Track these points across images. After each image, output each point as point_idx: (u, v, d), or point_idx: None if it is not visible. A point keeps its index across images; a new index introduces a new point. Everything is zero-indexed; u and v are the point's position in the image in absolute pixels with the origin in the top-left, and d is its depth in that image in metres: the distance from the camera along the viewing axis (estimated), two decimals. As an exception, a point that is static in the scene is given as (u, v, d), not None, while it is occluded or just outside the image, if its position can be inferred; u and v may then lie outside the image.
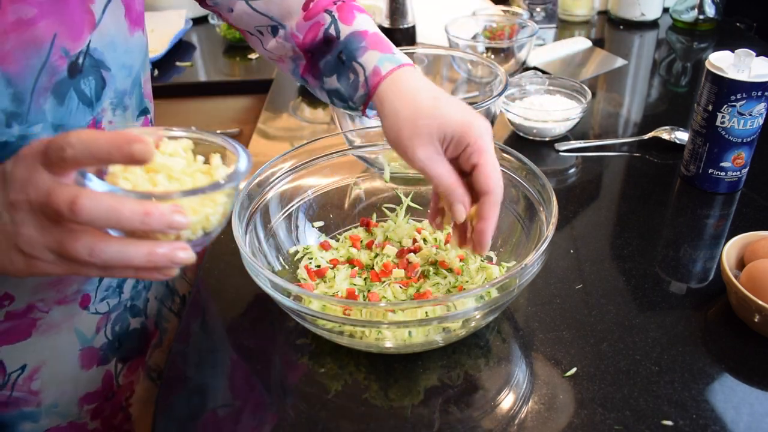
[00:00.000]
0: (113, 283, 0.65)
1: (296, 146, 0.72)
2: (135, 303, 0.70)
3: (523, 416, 0.54)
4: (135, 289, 0.70)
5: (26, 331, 0.59)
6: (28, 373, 0.61)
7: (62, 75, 0.51)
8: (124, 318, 0.69)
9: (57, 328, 0.61)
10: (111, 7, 0.55)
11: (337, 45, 0.60)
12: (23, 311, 0.58)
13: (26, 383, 0.61)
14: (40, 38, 0.49)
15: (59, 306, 0.60)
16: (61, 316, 0.61)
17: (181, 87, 1.40)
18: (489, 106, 0.80)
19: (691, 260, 0.72)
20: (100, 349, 0.66)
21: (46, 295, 0.59)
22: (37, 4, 0.47)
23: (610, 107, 1.12)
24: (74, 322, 0.63)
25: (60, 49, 0.50)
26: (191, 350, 0.63)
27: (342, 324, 0.55)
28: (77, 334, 0.63)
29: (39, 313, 0.59)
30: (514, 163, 0.68)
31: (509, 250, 0.69)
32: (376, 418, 0.55)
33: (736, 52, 0.76)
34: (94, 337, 0.65)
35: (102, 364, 0.67)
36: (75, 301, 0.62)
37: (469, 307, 0.53)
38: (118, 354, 0.68)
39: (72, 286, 0.61)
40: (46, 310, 0.60)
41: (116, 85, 0.58)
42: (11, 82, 0.48)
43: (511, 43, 1.20)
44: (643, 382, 0.57)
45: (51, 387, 0.63)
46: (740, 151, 0.79)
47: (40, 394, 0.62)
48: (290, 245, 0.71)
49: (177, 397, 0.58)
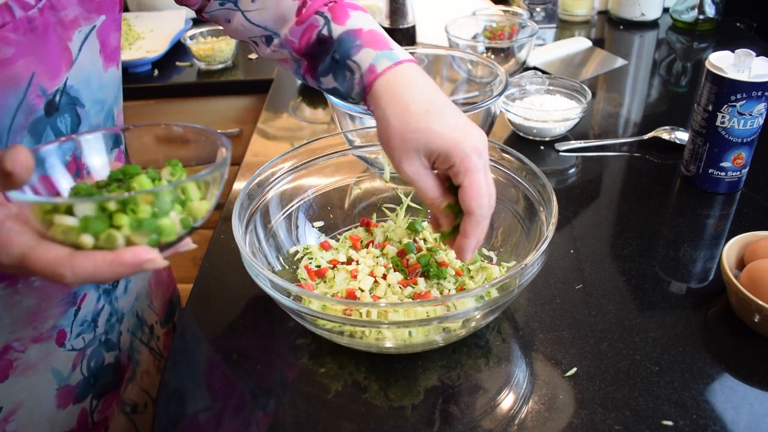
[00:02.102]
0: (88, 318, 0.64)
1: (296, 146, 0.72)
2: (109, 337, 0.68)
3: (523, 416, 0.54)
4: (109, 323, 0.68)
5: (3, 373, 0.57)
6: (3, 415, 0.58)
7: (39, 113, 0.51)
8: (99, 353, 0.67)
9: (34, 369, 0.60)
10: (87, 44, 0.54)
11: (332, 45, 0.59)
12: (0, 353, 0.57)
13: (1, 425, 0.59)
14: (18, 77, 0.48)
15: (35, 344, 0.59)
16: (38, 355, 0.59)
17: (181, 87, 1.40)
18: (489, 106, 0.80)
19: (691, 260, 0.72)
20: (76, 387, 0.64)
21: (22, 333, 0.57)
22: (15, 44, 0.47)
23: (610, 107, 1.12)
24: (51, 361, 0.61)
25: (38, 87, 0.50)
26: (190, 350, 0.63)
27: (342, 324, 0.55)
28: (54, 373, 0.62)
29: (15, 354, 0.57)
30: (514, 163, 0.68)
31: (509, 250, 0.69)
32: (376, 418, 0.55)
33: (736, 52, 0.76)
34: (70, 375, 0.63)
35: (77, 402, 0.65)
36: (51, 338, 0.60)
37: (469, 307, 0.53)
38: (93, 390, 0.67)
39: (48, 321, 0.59)
40: (22, 350, 0.58)
41: (90, 120, 0.57)
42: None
43: (511, 43, 1.20)
44: (643, 382, 0.57)
45: (27, 428, 0.61)
46: (740, 151, 0.79)
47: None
48: (290, 245, 0.71)
49: (176, 396, 0.58)
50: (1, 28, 0.45)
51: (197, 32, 1.44)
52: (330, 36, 0.59)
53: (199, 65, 1.43)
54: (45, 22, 0.49)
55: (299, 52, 0.61)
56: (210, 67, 1.43)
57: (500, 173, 0.70)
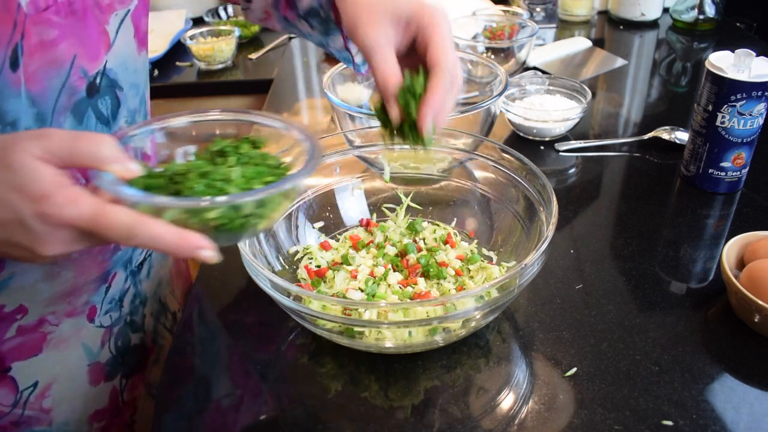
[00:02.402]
0: (116, 296, 0.66)
1: (296, 146, 0.71)
2: (134, 318, 0.71)
3: (523, 416, 0.54)
4: (133, 304, 0.70)
5: (37, 346, 0.60)
6: (39, 390, 0.61)
7: (81, 95, 0.53)
8: (125, 333, 0.70)
9: (66, 343, 0.62)
10: (123, 27, 0.56)
11: None
12: (34, 325, 0.58)
13: (38, 401, 0.61)
14: (61, 59, 0.50)
15: (68, 319, 0.61)
16: (70, 329, 0.62)
17: (181, 87, 1.40)
18: (489, 106, 0.80)
19: (691, 260, 0.72)
20: (106, 365, 0.67)
21: (57, 307, 0.59)
22: (58, 26, 0.49)
23: (610, 107, 1.12)
24: (81, 336, 0.63)
25: (79, 69, 0.52)
26: (190, 350, 0.63)
27: (342, 324, 0.55)
28: (84, 348, 0.64)
29: (49, 327, 0.60)
30: (514, 163, 0.68)
31: (509, 250, 0.69)
32: (376, 418, 0.55)
33: (736, 52, 0.76)
34: (99, 352, 0.66)
35: (108, 379, 0.67)
36: (83, 313, 0.62)
37: (469, 307, 0.53)
38: (121, 370, 0.69)
39: (82, 296, 0.61)
40: (56, 323, 0.60)
41: (128, 103, 0.59)
42: (35, 102, 0.49)
43: (511, 43, 1.20)
44: (643, 382, 0.57)
45: (62, 404, 0.63)
46: (740, 151, 0.79)
47: (52, 412, 0.62)
48: (290, 245, 0.71)
49: (176, 396, 0.58)
50: (44, 11, 0.48)
51: (197, 32, 1.44)
52: None
53: (199, 65, 1.43)
54: (84, 6, 0.51)
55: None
56: (210, 67, 1.43)
57: (500, 173, 0.70)
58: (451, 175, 0.77)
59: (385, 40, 0.52)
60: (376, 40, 0.52)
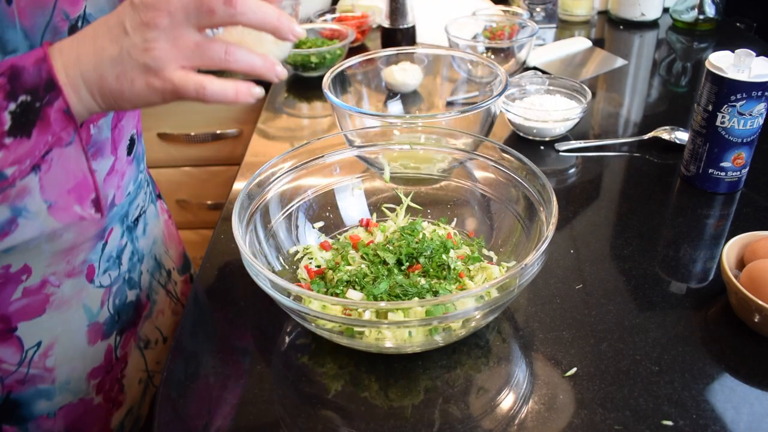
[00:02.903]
0: (113, 253, 0.69)
1: (296, 146, 0.72)
2: (132, 275, 0.74)
3: (523, 416, 0.54)
4: (131, 261, 0.73)
5: (41, 307, 0.62)
6: (42, 349, 0.64)
7: (64, 35, 0.55)
8: (123, 291, 0.72)
9: (68, 305, 0.65)
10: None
11: None
12: (38, 286, 0.61)
13: (41, 360, 0.64)
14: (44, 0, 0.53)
15: (69, 279, 0.64)
16: (71, 290, 0.64)
17: (181, 87, 1.40)
18: (489, 106, 0.80)
19: (691, 260, 0.72)
20: (104, 324, 0.69)
21: (57, 266, 0.62)
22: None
23: (610, 107, 1.12)
24: (82, 297, 0.66)
25: (61, 11, 0.54)
26: (190, 350, 0.63)
27: (342, 324, 0.55)
28: (85, 310, 0.67)
29: (51, 288, 0.62)
30: (514, 163, 0.68)
31: (509, 250, 0.69)
32: (376, 418, 0.55)
33: (736, 52, 0.76)
34: (99, 312, 0.69)
35: (104, 338, 0.70)
36: (82, 273, 0.65)
37: (469, 307, 0.53)
38: (117, 327, 0.72)
39: (79, 255, 0.64)
40: (58, 284, 0.63)
41: None
42: (27, 35, 0.52)
43: (511, 43, 1.20)
44: (643, 382, 0.57)
45: (63, 363, 0.66)
46: (740, 151, 0.79)
47: (55, 370, 0.65)
48: (290, 245, 0.71)
49: (176, 396, 0.58)
50: None
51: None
52: None
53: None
54: None
55: None
56: (210, 67, 1.42)
57: (500, 173, 0.70)
58: (451, 175, 0.77)
59: None
60: None
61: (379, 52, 0.99)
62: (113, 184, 0.66)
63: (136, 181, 0.72)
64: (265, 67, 0.50)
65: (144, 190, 0.77)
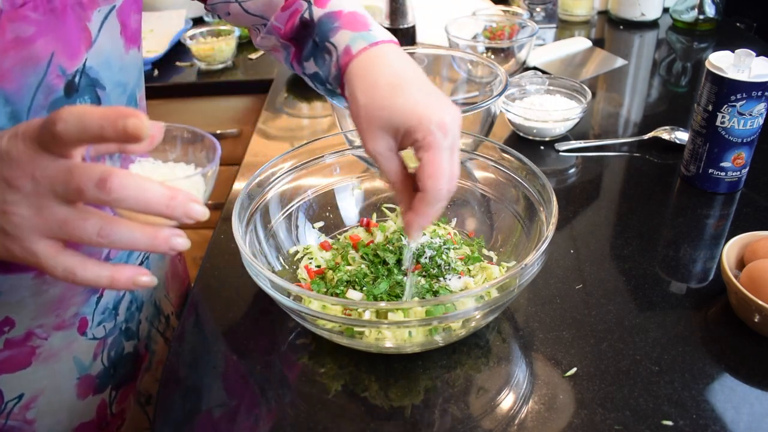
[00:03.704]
0: (109, 305, 0.65)
1: (296, 146, 0.72)
2: (129, 325, 0.69)
3: (523, 416, 0.54)
4: (129, 311, 0.69)
5: (26, 360, 0.58)
6: (24, 402, 0.60)
7: (58, 94, 0.51)
8: (119, 342, 0.68)
9: (56, 357, 0.61)
10: (107, 24, 0.54)
11: (314, 28, 0.58)
12: (22, 339, 0.57)
13: (22, 412, 0.60)
14: (38, 56, 0.48)
15: (58, 332, 0.60)
16: (60, 343, 0.60)
17: (181, 87, 1.40)
18: (489, 106, 0.80)
19: (691, 260, 0.72)
20: (96, 377, 0.65)
21: (45, 320, 0.58)
22: (35, 23, 0.47)
23: (610, 107, 1.12)
24: (73, 349, 0.62)
25: (57, 67, 0.50)
26: (190, 350, 0.63)
27: (342, 324, 0.55)
28: (75, 362, 0.63)
29: (38, 341, 0.58)
30: (514, 163, 0.68)
31: (509, 250, 0.69)
32: (376, 418, 0.55)
33: (736, 52, 0.76)
34: (91, 364, 0.64)
35: (97, 392, 0.66)
36: (73, 325, 0.61)
37: (469, 307, 0.53)
38: (112, 381, 0.68)
39: (71, 309, 0.60)
40: (45, 337, 0.59)
41: (111, 103, 0.57)
42: (9, 100, 0.48)
43: (511, 43, 1.20)
44: (643, 382, 0.57)
45: (46, 416, 0.62)
46: (740, 151, 0.79)
47: (35, 423, 0.61)
48: (290, 245, 0.71)
49: (175, 397, 0.58)
50: (21, 7, 0.46)
51: (197, 32, 1.44)
52: (311, 19, 0.58)
53: (199, 65, 1.43)
54: (63, 2, 0.49)
55: (285, 38, 0.61)
56: (210, 67, 1.43)
57: (500, 173, 0.70)
58: (451, 175, 0.77)
59: (387, 152, 0.52)
60: (376, 149, 0.52)
61: (379, 52, 0.99)
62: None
63: None
64: (153, 245, 0.40)
65: None
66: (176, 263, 0.84)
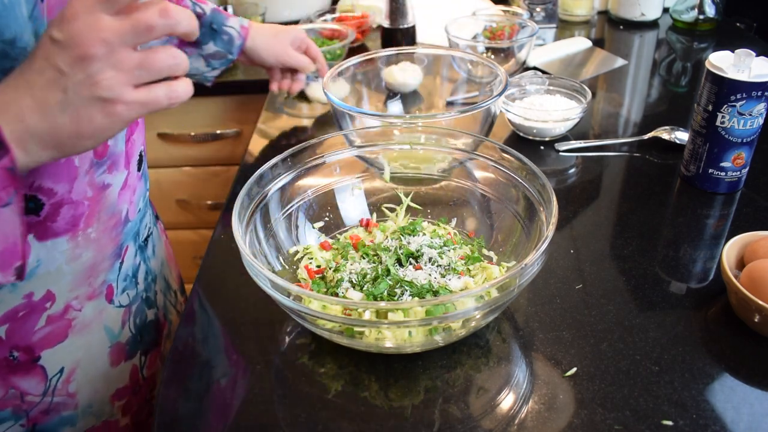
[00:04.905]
0: (129, 272, 0.69)
1: (296, 146, 0.72)
2: (148, 294, 0.74)
3: (523, 416, 0.54)
4: (146, 281, 0.74)
5: (63, 333, 0.62)
6: (65, 375, 0.63)
7: None
8: (143, 310, 0.73)
9: (89, 327, 0.64)
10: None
11: (205, 18, 0.91)
12: (61, 313, 0.61)
13: (64, 386, 0.63)
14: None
15: (90, 302, 0.64)
16: (92, 312, 0.64)
17: (181, 87, 1.40)
18: (489, 106, 0.80)
19: (691, 260, 0.72)
20: (126, 344, 0.69)
21: (79, 290, 0.62)
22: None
23: (610, 107, 1.12)
24: (103, 318, 0.66)
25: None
26: (190, 350, 0.63)
27: (342, 324, 0.55)
28: (106, 331, 0.67)
29: (74, 312, 0.62)
30: (514, 163, 0.68)
31: (509, 250, 0.69)
32: (376, 418, 0.55)
33: (736, 52, 0.76)
34: (120, 332, 0.68)
35: (128, 358, 0.70)
36: (102, 294, 0.65)
37: (469, 307, 0.53)
38: (140, 347, 0.72)
39: (100, 276, 0.64)
40: (80, 308, 0.63)
41: None
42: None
43: (511, 43, 1.20)
44: (643, 382, 0.57)
45: (85, 387, 0.65)
46: (740, 151, 0.79)
47: (77, 395, 0.65)
48: (290, 245, 0.71)
49: (176, 397, 0.58)
50: None
51: (197, 32, 1.44)
52: (204, 12, 0.91)
53: (199, 65, 1.43)
54: None
55: None
56: (210, 67, 1.42)
57: (500, 173, 0.70)
58: (451, 175, 0.77)
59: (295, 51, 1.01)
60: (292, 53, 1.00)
61: (379, 52, 0.99)
62: (126, 200, 0.65)
63: (144, 198, 0.72)
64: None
65: (149, 210, 0.77)
66: (168, 247, 0.87)
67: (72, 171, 0.56)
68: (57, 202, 0.56)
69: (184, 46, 0.89)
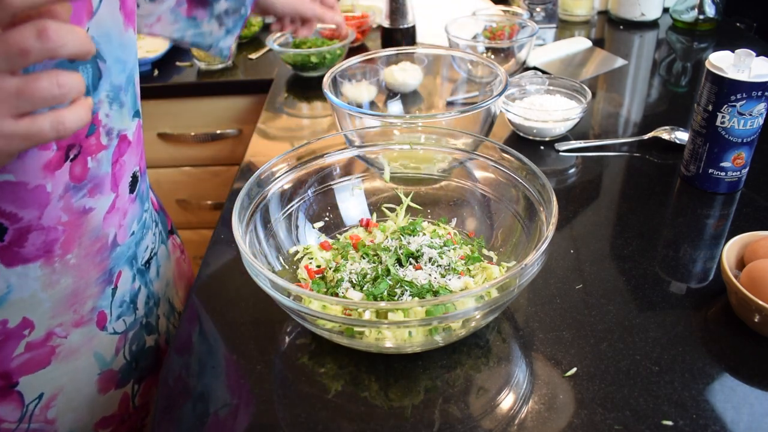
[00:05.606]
0: (126, 298, 0.66)
1: (296, 146, 0.72)
2: (149, 320, 0.71)
3: (523, 416, 0.54)
4: (147, 306, 0.70)
5: (45, 359, 0.59)
6: (44, 401, 0.60)
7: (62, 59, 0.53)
8: (141, 336, 0.69)
9: (76, 354, 0.61)
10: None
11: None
12: (42, 340, 0.58)
13: (42, 412, 0.60)
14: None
15: (77, 329, 0.60)
16: (80, 339, 0.61)
17: (181, 87, 1.40)
18: (489, 106, 0.80)
19: (691, 260, 0.72)
20: (119, 372, 0.66)
21: (63, 317, 0.59)
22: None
23: (610, 107, 1.12)
24: (93, 345, 0.63)
25: None
26: (190, 351, 0.63)
27: (342, 324, 0.55)
28: (96, 357, 0.63)
29: (58, 340, 0.59)
30: (514, 163, 0.68)
31: (509, 250, 0.69)
32: (376, 418, 0.55)
33: (736, 52, 0.76)
34: (113, 360, 0.65)
35: (119, 387, 0.67)
36: (92, 321, 0.62)
37: (469, 307, 0.53)
38: (135, 374, 0.69)
39: (87, 303, 0.61)
40: (65, 335, 0.59)
41: (111, 78, 0.57)
42: None
43: (511, 43, 1.20)
44: (643, 382, 0.57)
45: (67, 414, 0.62)
46: (740, 151, 0.79)
47: (56, 422, 0.62)
48: (290, 245, 0.71)
49: (175, 398, 0.58)
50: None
51: (197, 32, 1.44)
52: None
53: (199, 65, 1.43)
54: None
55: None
56: (210, 67, 1.43)
57: (500, 173, 0.70)
58: (451, 175, 0.77)
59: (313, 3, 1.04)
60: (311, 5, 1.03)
61: (379, 52, 0.99)
62: (114, 223, 0.62)
63: (141, 220, 0.68)
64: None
65: (152, 231, 0.73)
66: (181, 263, 0.84)
67: (43, 197, 0.53)
68: (24, 227, 0.53)
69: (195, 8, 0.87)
